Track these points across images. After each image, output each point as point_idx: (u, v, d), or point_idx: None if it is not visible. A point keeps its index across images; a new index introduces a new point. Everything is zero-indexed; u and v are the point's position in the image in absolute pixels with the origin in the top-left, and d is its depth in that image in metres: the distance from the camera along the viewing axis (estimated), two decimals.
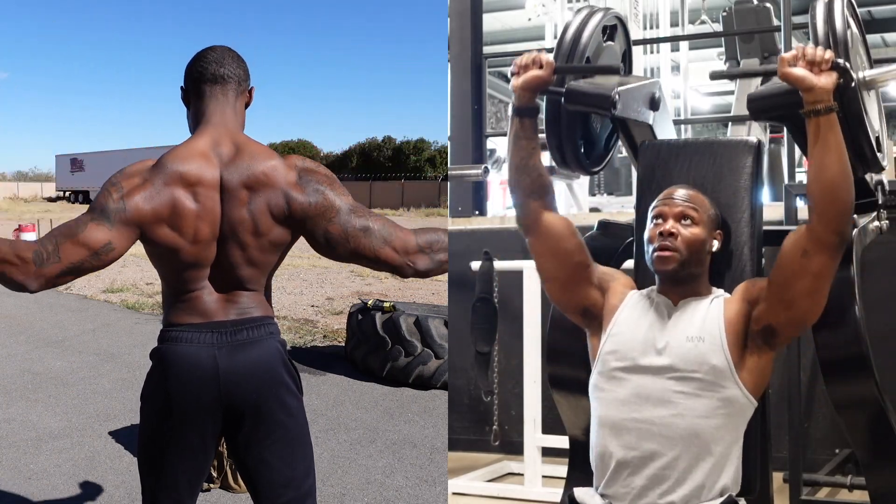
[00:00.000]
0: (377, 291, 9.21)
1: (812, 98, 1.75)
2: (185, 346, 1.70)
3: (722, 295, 1.95)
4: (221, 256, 1.71)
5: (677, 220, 1.92)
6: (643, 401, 1.86)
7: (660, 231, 1.91)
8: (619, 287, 2.02)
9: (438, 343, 4.87)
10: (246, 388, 1.71)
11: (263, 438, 1.75)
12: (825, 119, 1.75)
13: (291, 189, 1.70)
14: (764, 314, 1.86)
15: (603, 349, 1.95)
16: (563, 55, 2.24)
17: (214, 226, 1.69)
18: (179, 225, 1.66)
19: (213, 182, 1.68)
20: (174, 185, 1.66)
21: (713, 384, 1.84)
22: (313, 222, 1.71)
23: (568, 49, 2.22)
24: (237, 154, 1.71)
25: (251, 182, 1.69)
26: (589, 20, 2.27)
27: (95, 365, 5.50)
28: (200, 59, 1.80)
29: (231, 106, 1.80)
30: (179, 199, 1.66)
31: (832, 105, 1.75)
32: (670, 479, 1.83)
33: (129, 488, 3.28)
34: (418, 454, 3.79)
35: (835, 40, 2.02)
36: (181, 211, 1.66)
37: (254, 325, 1.74)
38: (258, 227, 1.69)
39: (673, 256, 1.89)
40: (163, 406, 1.72)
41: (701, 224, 1.93)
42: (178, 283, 1.74)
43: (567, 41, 2.23)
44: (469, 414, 4.37)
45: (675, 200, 1.94)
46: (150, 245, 1.70)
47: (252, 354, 1.72)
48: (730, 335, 1.87)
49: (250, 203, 1.68)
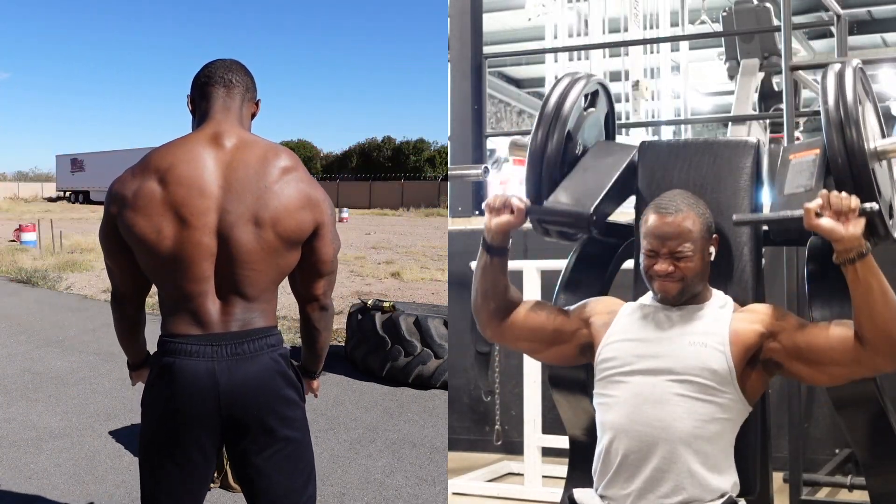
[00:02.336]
0: (377, 291, 9.21)
1: (843, 248, 1.71)
2: (184, 359, 1.67)
3: (729, 303, 1.95)
4: (222, 257, 1.68)
5: (669, 257, 1.90)
6: (642, 402, 1.87)
7: (655, 268, 1.91)
8: (600, 308, 2.04)
9: (438, 343, 4.87)
10: (245, 403, 1.69)
11: (263, 451, 1.74)
12: (861, 264, 1.71)
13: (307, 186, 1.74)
14: (779, 355, 1.86)
15: (600, 359, 1.95)
16: (545, 122, 2.23)
17: (198, 216, 1.65)
18: (147, 211, 1.65)
19: (202, 176, 1.66)
20: (148, 174, 1.67)
21: (713, 389, 1.84)
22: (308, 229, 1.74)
23: (550, 117, 2.23)
24: (242, 146, 1.71)
25: (265, 167, 1.68)
26: (571, 89, 2.27)
27: (95, 365, 5.51)
28: (208, 66, 1.81)
29: (237, 109, 1.78)
30: (149, 187, 1.66)
31: (865, 251, 1.71)
32: (669, 482, 1.83)
33: (129, 488, 3.28)
34: (418, 454, 3.79)
35: (846, 113, 2.00)
36: (149, 197, 1.65)
37: (254, 338, 1.71)
38: (273, 218, 1.68)
39: (674, 286, 1.90)
40: (163, 419, 1.70)
41: (693, 254, 1.90)
42: (174, 289, 1.70)
43: (549, 111, 2.23)
44: (469, 414, 4.37)
45: (665, 241, 1.89)
46: (126, 233, 1.69)
47: (252, 369, 1.69)
48: (735, 346, 1.86)
49: (269, 184, 1.68)
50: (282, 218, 1.68)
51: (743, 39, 6.81)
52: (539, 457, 3.65)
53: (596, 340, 1.99)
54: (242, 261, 1.68)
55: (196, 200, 1.65)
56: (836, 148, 2.00)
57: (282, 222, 1.68)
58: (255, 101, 1.85)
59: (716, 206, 2.05)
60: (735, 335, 1.87)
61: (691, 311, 1.92)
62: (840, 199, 1.70)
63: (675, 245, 1.88)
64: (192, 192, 1.65)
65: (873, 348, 1.73)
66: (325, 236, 1.77)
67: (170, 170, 1.66)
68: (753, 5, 6.83)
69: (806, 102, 7.65)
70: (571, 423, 2.27)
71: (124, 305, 1.87)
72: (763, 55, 6.70)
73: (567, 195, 2.15)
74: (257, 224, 1.67)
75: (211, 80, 1.78)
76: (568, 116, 2.21)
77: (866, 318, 1.72)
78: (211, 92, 1.78)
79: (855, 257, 1.70)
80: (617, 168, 2.20)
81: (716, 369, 1.84)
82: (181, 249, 1.65)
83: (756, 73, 6.72)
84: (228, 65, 1.81)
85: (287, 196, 1.69)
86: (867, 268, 1.71)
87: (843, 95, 2.01)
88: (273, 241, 1.68)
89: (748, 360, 1.87)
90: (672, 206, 1.92)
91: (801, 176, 2.05)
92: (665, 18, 7.99)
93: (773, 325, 1.87)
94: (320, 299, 1.85)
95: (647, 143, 2.28)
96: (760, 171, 2.14)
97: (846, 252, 1.71)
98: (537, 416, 3.66)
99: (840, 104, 2.00)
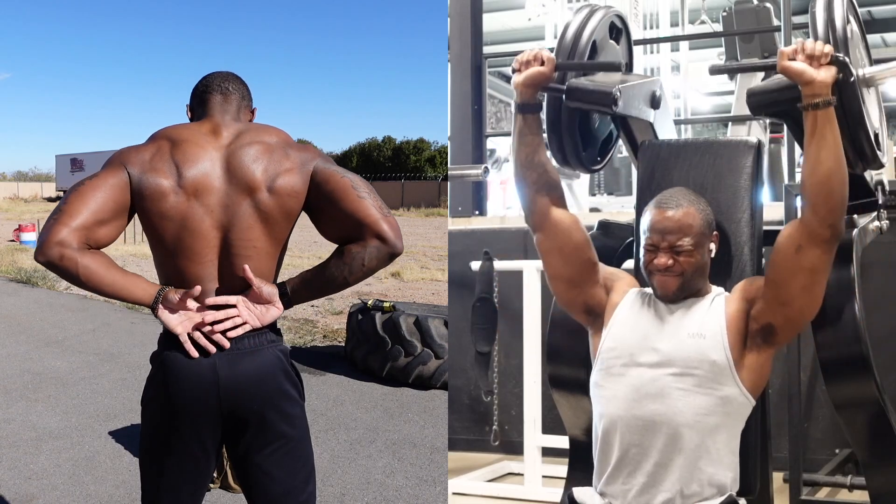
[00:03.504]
0: (377, 291, 9.21)
1: (810, 91, 1.76)
2: (185, 354, 1.69)
3: (722, 293, 1.96)
4: (224, 244, 1.69)
5: (669, 251, 1.91)
6: (642, 396, 1.87)
7: (655, 262, 1.91)
8: (623, 286, 2.03)
9: (438, 343, 4.86)
10: (246, 399, 1.70)
11: (263, 448, 1.75)
12: (823, 113, 1.75)
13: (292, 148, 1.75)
14: (762, 313, 1.87)
15: (603, 346, 1.95)
16: (563, 52, 2.24)
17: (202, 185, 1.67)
18: (160, 167, 1.68)
19: (206, 153, 1.70)
20: (160, 140, 1.73)
21: (712, 381, 1.84)
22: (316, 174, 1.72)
23: (569, 46, 2.22)
24: (239, 133, 1.75)
25: (262, 150, 1.71)
26: (590, 18, 2.27)
27: (95, 365, 5.50)
28: (206, 77, 1.88)
29: (233, 114, 1.83)
30: (163, 148, 1.70)
31: (830, 99, 1.75)
32: (669, 478, 1.83)
33: (129, 488, 3.28)
34: (418, 454, 3.79)
35: (834, 36, 2.02)
36: (163, 154, 1.69)
37: (255, 334, 1.72)
38: (272, 187, 1.68)
39: (674, 282, 1.90)
40: (163, 413, 1.71)
41: (695, 249, 1.91)
42: (176, 273, 1.70)
43: (568, 39, 2.23)
44: (469, 414, 4.37)
45: (665, 235, 1.90)
46: (139, 198, 1.67)
47: (252, 364, 1.71)
48: (730, 333, 1.87)
49: (264, 163, 1.70)
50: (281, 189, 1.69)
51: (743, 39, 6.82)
52: (539, 457, 3.65)
53: (606, 315, 1.99)
54: (244, 238, 1.69)
55: (205, 181, 1.68)
56: None
57: (281, 193, 1.69)
58: (251, 110, 1.91)
59: (716, 206, 2.05)
60: (728, 321, 1.89)
61: (689, 304, 1.93)
62: (814, 44, 1.76)
63: (676, 239, 1.89)
64: (200, 176, 1.68)
65: (813, 208, 1.77)
66: (331, 174, 1.71)
67: (178, 145, 1.70)
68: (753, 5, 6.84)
69: None
70: (571, 423, 2.27)
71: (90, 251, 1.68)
72: (763, 55, 6.71)
73: (591, 81, 2.19)
74: (258, 208, 1.68)
75: (209, 88, 1.84)
76: (586, 47, 2.23)
77: (813, 169, 1.77)
78: (209, 99, 1.83)
79: (820, 103, 1.75)
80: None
81: (715, 360, 1.85)
82: (189, 219, 1.67)
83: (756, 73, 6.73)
84: (225, 75, 1.87)
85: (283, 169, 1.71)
86: (827, 118, 1.76)
87: (831, 21, 2.04)
88: (274, 211, 1.70)
89: (743, 340, 1.88)
90: (673, 201, 1.93)
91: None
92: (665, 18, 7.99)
93: (749, 290, 1.91)
94: (376, 226, 1.62)
95: (647, 143, 2.28)
96: (760, 171, 2.14)
97: (812, 97, 1.76)
98: (537, 416, 3.66)
99: (829, 30, 2.03)
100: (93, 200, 1.65)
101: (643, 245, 1.94)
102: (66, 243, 1.59)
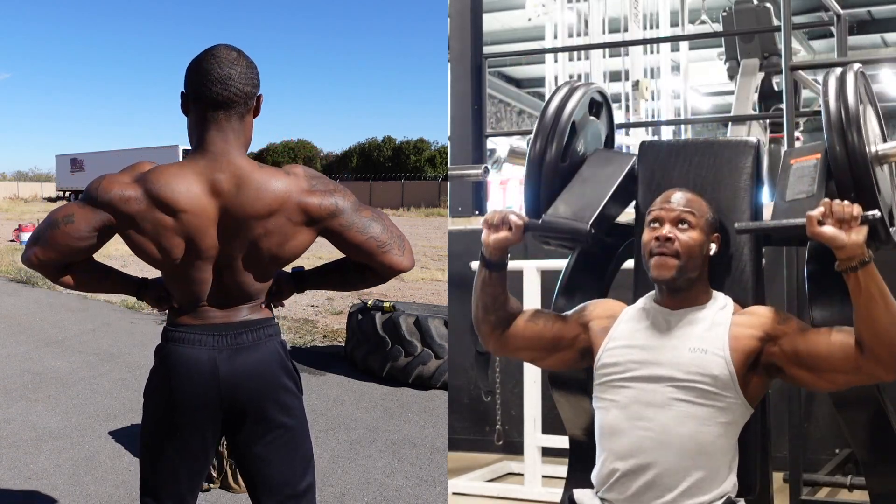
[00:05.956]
0: (377, 291, 9.20)
1: (845, 255, 1.69)
2: (187, 347, 1.73)
3: (727, 304, 1.94)
4: (226, 280, 1.73)
5: (674, 224, 1.91)
6: (643, 406, 1.86)
7: (657, 236, 1.91)
8: (598, 312, 2.04)
9: (438, 343, 4.87)
10: (245, 391, 1.73)
11: (262, 438, 1.78)
12: (863, 272, 1.69)
13: (305, 196, 1.68)
14: (779, 359, 1.85)
15: (600, 363, 1.95)
16: (543, 131, 2.21)
17: (198, 251, 1.68)
18: (152, 234, 1.66)
19: (201, 210, 1.65)
20: (152, 203, 1.63)
21: (714, 394, 1.84)
22: (326, 223, 1.72)
23: (549, 126, 2.20)
24: (240, 185, 1.65)
25: (262, 210, 1.65)
26: (570, 97, 2.25)
27: (95, 365, 5.50)
28: (204, 73, 1.65)
29: (234, 131, 1.68)
30: (154, 216, 1.64)
31: (867, 258, 1.69)
32: (669, 485, 1.83)
33: (129, 488, 3.28)
34: (418, 454, 3.79)
35: (847, 118, 1.99)
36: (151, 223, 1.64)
37: (254, 328, 1.77)
38: (278, 248, 1.70)
39: (671, 263, 1.89)
40: (164, 405, 1.75)
41: (698, 228, 1.92)
42: (178, 295, 1.78)
43: (548, 118, 2.21)
44: (469, 414, 4.37)
45: (672, 205, 1.93)
46: (128, 243, 1.70)
47: (252, 357, 1.74)
48: (735, 352, 1.85)
49: (267, 229, 1.67)
50: (280, 249, 1.71)
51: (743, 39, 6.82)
52: (539, 457, 3.65)
53: (595, 345, 1.98)
54: (242, 281, 1.75)
55: (202, 235, 1.67)
56: (837, 152, 2.00)
57: (282, 251, 1.72)
58: (258, 103, 1.73)
59: (716, 206, 2.05)
60: (735, 340, 1.86)
61: (691, 315, 1.92)
62: (842, 207, 1.69)
63: (683, 212, 1.91)
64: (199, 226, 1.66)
65: (874, 357, 1.72)
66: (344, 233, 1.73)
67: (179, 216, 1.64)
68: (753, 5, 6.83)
69: (806, 102, 7.66)
70: (571, 422, 2.27)
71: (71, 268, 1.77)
72: (763, 55, 6.71)
73: (566, 207, 2.14)
74: (257, 258, 1.72)
75: (206, 97, 1.65)
76: (567, 125, 2.21)
77: (867, 326, 1.71)
78: (206, 116, 1.67)
79: (857, 265, 1.69)
80: (616, 177, 2.20)
81: (717, 375, 1.84)
82: (188, 266, 1.71)
83: (756, 73, 6.73)
84: (225, 75, 1.65)
85: (281, 225, 1.68)
86: (869, 275, 1.69)
87: (844, 99, 2.01)
88: (272, 262, 1.75)
89: (749, 364, 1.86)
90: (682, 189, 2.00)
91: (802, 181, 2.05)
92: (665, 18, 7.99)
93: (774, 329, 1.86)
94: (394, 266, 1.78)
95: (647, 143, 2.28)
96: (760, 171, 2.14)
97: (848, 260, 1.69)
98: (537, 416, 3.66)
99: (841, 108, 2.00)
100: (73, 242, 1.68)
101: (646, 227, 1.95)
102: (42, 269, 1.74)
